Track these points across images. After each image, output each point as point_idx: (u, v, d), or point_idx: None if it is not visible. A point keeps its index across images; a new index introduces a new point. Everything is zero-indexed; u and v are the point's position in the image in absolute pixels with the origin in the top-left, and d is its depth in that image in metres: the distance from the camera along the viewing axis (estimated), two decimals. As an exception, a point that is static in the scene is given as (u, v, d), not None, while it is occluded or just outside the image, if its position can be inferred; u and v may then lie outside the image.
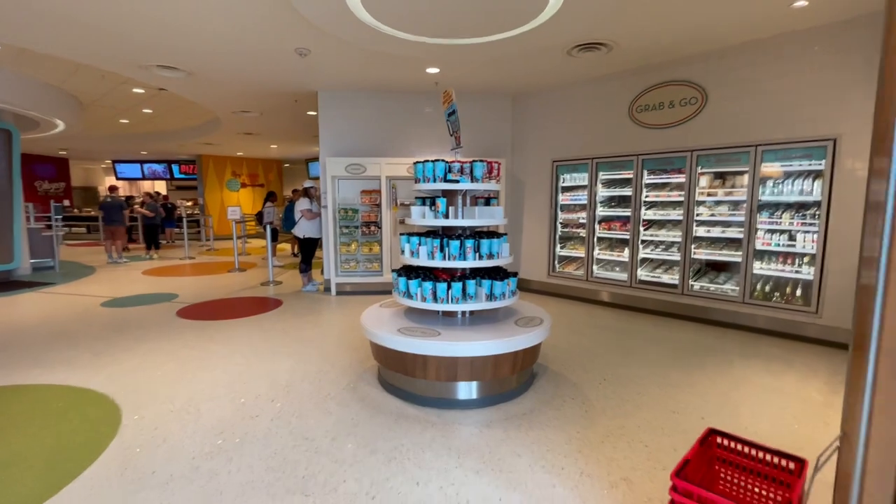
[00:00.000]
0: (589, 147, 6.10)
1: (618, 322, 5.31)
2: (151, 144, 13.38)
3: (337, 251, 6.73)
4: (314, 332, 4.89)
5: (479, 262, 3.17)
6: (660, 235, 5.64)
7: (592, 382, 3.51)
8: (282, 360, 4.00)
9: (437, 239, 3.17)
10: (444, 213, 3.24)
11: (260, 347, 4.37)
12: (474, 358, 2.93)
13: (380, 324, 3.29)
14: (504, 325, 3.24)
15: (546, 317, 3.45)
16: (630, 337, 4.72)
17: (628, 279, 5.80)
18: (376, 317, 3.47)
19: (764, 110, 4.65)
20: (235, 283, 7.79)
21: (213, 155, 15.70)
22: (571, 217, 6.51)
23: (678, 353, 4.21)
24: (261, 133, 10.89)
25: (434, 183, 3.24)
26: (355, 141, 6.79)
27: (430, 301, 3.18)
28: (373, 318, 3.42)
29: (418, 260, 3.25)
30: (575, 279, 6.40)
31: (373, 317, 3.47)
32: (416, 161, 3.35)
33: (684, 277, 5.31)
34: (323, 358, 4.06)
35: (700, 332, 4.89)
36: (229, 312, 5.71)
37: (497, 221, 3.32)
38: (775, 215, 4.75)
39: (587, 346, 4.39)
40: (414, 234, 3.38)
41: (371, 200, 6.72)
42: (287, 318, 5.44)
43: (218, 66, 5.55)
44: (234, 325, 5.16)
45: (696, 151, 5.07)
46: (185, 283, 7.71)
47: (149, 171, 17.90)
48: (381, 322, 3.33)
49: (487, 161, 3.31)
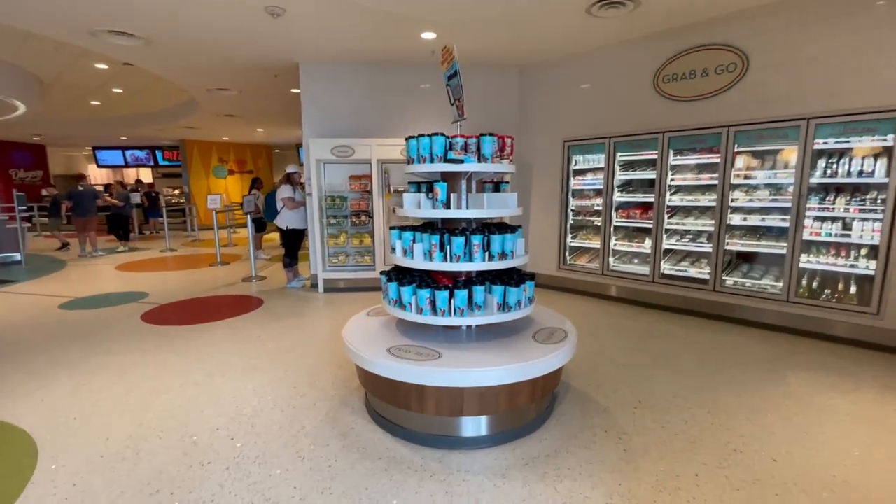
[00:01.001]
0: (606, 124, 5.40)
1: (641, 323, 4.69)
2: (130, 129, 12.55)
3: (324, 244, 6.06)
4: (295, 338, 4.25)
5: (489, 265, 2.51)
6: (687, 224, 4.99)
7: (625, 406, 2.89)
8: (252, 378, 3.36)
9: (435, 234, 2.50)
10: (444, 201, 2.57)
11: (229, 360, 3.73)
12: (484, 388, 2.29)
13: (366, 341, 2.64)
14: (520, 341, 2.60)
15: (570, 329, 2.81)
16: (658, 341, 4.10)
17: (650, 273, 5.16)
18: (362, 330, 2.82)
19: (818, 77, 3.96)
20: (215, 278, 7.13)
21: (197, 140, 14.87)
22: (585, 204, 5.83)
23: (719, 362, 3.59)
24: (244, 115, 10.10)
25: (431, 163, 2.56)
26: (342, 120, 6.06)
27: (427, 313, 2.53)
28: (357, 333, 2.77)
29: (412, 261, 2.59)
30: (588, 273, 5.76)
31: (358, 330, 2.82)
32: (409, 136, 2.67)
33: (716, 271, 4.67)
34: (302, 374, 3.42)
35: (737, 334, 4.27)
36: (202, 315, 5.05)
37: (511, 211, 2.65)
38: (826, 200, 4.09)
39: (610, 354, 3.77)
40: (407, 228, 2.72)
41: (361, 187, 6.02)
42: (266, 322, 4.80)
43: (179, 32, 4.79)
44: (205, 330, 4.51)
45: (734, 127, 4.38)
46: (160, 280, 7.04)
47: (131, 157, 17.06)
48: (368, 338, 2.68)
49: (498, 136, 2.63)
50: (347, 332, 2.77)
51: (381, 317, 3.07)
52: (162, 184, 18.54)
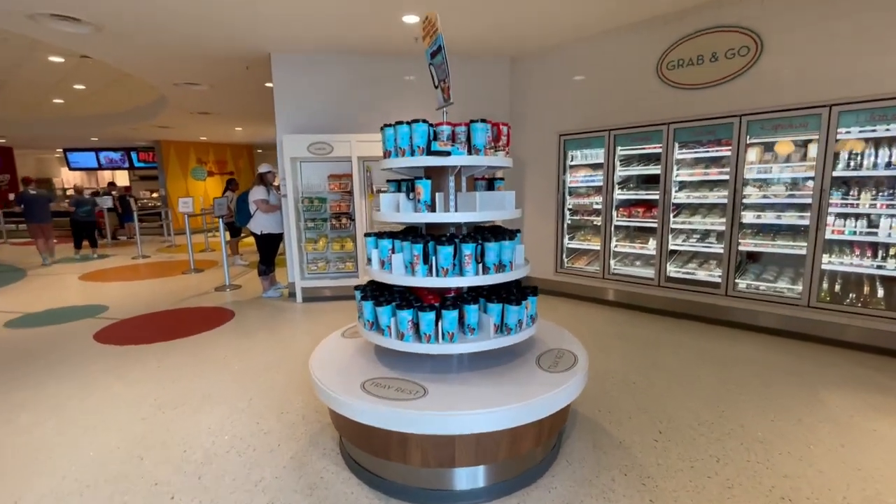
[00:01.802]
0: (605, 116, 5.01)
1: (648, 331, 4.30)
2: (100, 129, 11.89)
3: (301, 249, 5.58)
4: (265, 359, 3.78)
5: (483, 279, 2.08)
6: (694, 223, 4.61)
7: (644, 438, 2.48)
8: (210, 411, 2.89)
9: (418, 243, 2.06)
10: (427, 202, 2.13)
11: (186, 388, 3.24)
12: (481, 435, 1.86)
13: (336, 372, 2.19)
14: (522, 368, 2.17)
15: (579, 350, 2.39)
16: (669, 353, 3.70)
17: (655, 276, 4.78)
18: (333, 357, 2.37)
19: (841, 58, 3.59)
20: (186, 287, 6.60)
21: (173, 141, 14.22)
22: (583, 202, 5.43)
23: (740, 378, 3.20)
24: (219, 112, 9.54)
25: (413, 157, 2.12)
26: (319, 115, 5.58)
27: (409, 339, 2.08)
28: (327, 360, 2.32)
29: (390, 275, 2.14)
30: (588, 276, 5.36)
31: (328, 357, 2.37)
32: (386, 125, 2.23)
33: (728, 274, 4.29)
34: (268, 404, 2.96)
35: (753, 343, 3.90)
36: (163, 331, 4.55)
37: (508, 214, 2.22)
38: (850, 195, 3.73)
39: (620, 370, 3.37)
40: (385, 235, 2.27)
41: (341, 187, 5.55)
42: (235, 338, 4.31)
43: (132, 17, 4.28)
44: (164, 350, 4.02)
45: (747, 116, 4.00)
46: (125, 291, 6.49)
47: (105, 159, 16.33)
48: (340, 368, 2.23)
49: (492, 122, 2.20)
50: (316, 360, 2.32)
51: (357, 338, 2.62)
52: (139, 186, 17.84)
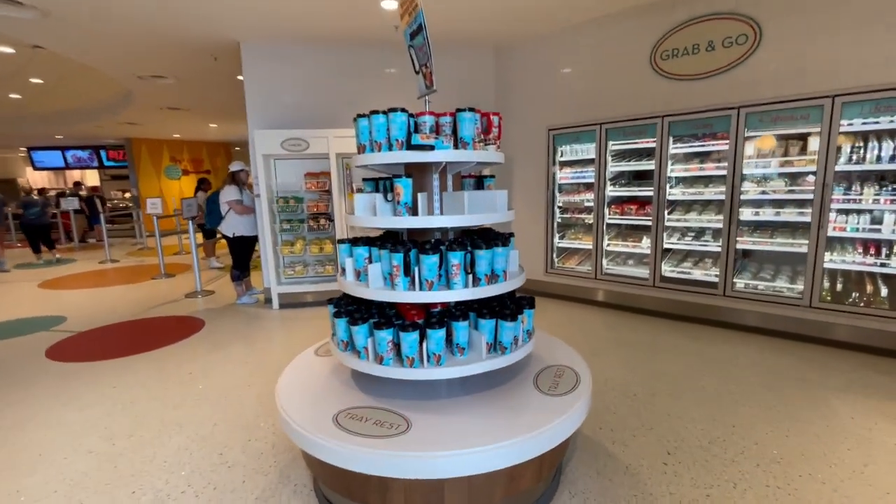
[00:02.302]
0: (596, 109, 4.78)
1: (644, 335, 4.09)
2: (64, 126, 11.25)
3: (277, 253, 5.24)
4: (235, 375, 3.45)
5: (474, 292, 1.81)
6: (689, 220, 4.42)
7: (652, 461, 2.25)
8: (167, 441, 2.57)
9: (398, 252, 1.78)
10: (408, 203, 1.85)
11: (143, 413, 2.91)
12: (474, 476, 1.60)
13: (306, 401, 1.90)
14: (518, 391, 1.91)
15: (581, 367, 2.15)
16: (669, 359, 3.50)
17: (650, 276, 4.58)
18: (304, 381, 2.08)
19: (844, 46, 3.42)
20: (155, 294, 6.19)
21: (145, 138, 13.60)
22: (573, 199, 5.21)
23: (746, 386, 3.01)
24: (190, 108, 9.06)
25: (390, 152, 1.84)
26: (294, 109, 5.24)
27: (390, 362, 1.80)
28: (297, 386, 2.03)
29: (366, 289, 1.86)
30: (580, 276, 5.14)
31: (297, 383, 2.07)
32: (359, 115, 1.94)
33: (726, 273, 4.11)
34: (234, 430, 2.65)
35: (755, 346, 3.72)
36: (125, 344, 4.18)
37: (500, 216, 1.95)
38: (853, 190, 3.57)
39: (619, 380, 3.14)
40: (360, 242, 1.99)
41: (319, 186, 5.22)
42: (203, 352, 3.97)
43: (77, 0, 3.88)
44: (123, 367, 3.66)
45: (746, 108, 3.81)
46: (87, 299, 6.05)
47: (73, 158, 15.56)
48: (310, 395, 1.94)
49: (481, 112, 1.92)
50: (284, 386, 2.02)
51: (332, 358, 2.33)
52: (111, 186, 17.10)
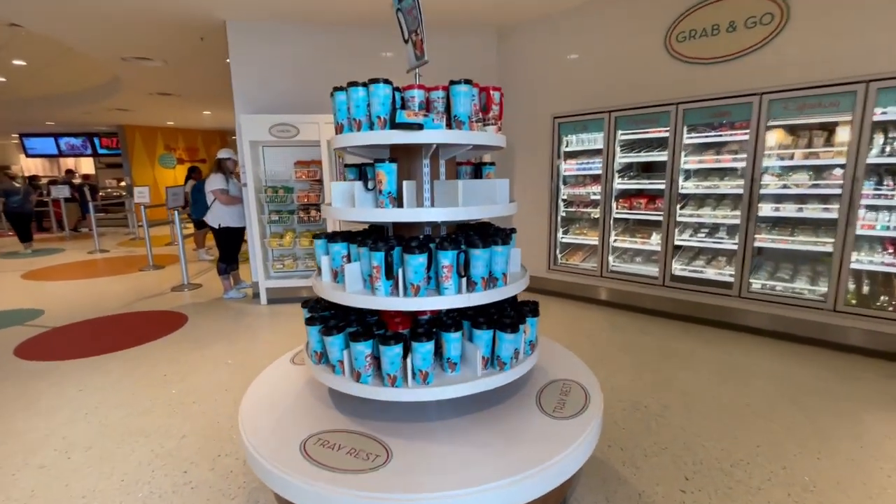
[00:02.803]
0: (605, 96, 4.48)
1: (654, 338, 3.83)
2: (53, 112, 10.95)
3: (265, 245, 4.97)
4: (212, 378, 3.20)
5: (467, 298, 1.54)
6: (703, 215, 4.14)
7: (669, 487, 1.99)
8: (128, 454, 2.32)
9: (378, 250, 1.50)
10: (392, 193, 1.57)
11: (106, 421, 2.66)
12: (466, 522, 1.34)
13: (273, 422, 1.64)
14: (519, 414, 1.65)
15: (590, 381, 1.88)
16: (682, 366, 3.24)
17: (659, 275, 4.31)
18: (272, 397, 1.82)
19: (882, 27, 3.11)
20: (140, 287, 5.94)
21: (138, 125, 13.28)
22: (579, 192, 4.92)
23: (768, 399, 2.75)
24: (180, 94, 8.75)
25: (370, 131, 1.55)
26: (283, 92, 4.94)
27: (368, 380, 1.54)
28: (264, 404, 1.76)
29: (343, 293, 1.58)
30: (584, 274, 4.87)
31: (266, 398, 1.81)
32: (336, 88, 1.65)
33: (742, 273, 3.84)
34: (204, 443, 2.39)
35: (773, 353, 3.45)
36: (100, 342, 3.93)
37: (501, 209, 1.68)
38: (884, 184, 3.29)
39: (628, 391, 2.88)
40: (338, 237, 1.72)
41: (310, 175, 4.94)
42: (181, 351, 3.72)
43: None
44: (95, 367, 3.41)
45: (768, 94, 3.51)
46: (69, 291, 5.80)
47: (66, 146, 15.24)
48: (278, 416, 1.68)
49: (479, 86, 1.64)
50: (249, 405, 1.76)
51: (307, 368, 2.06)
52: (106, 174, 16.85)
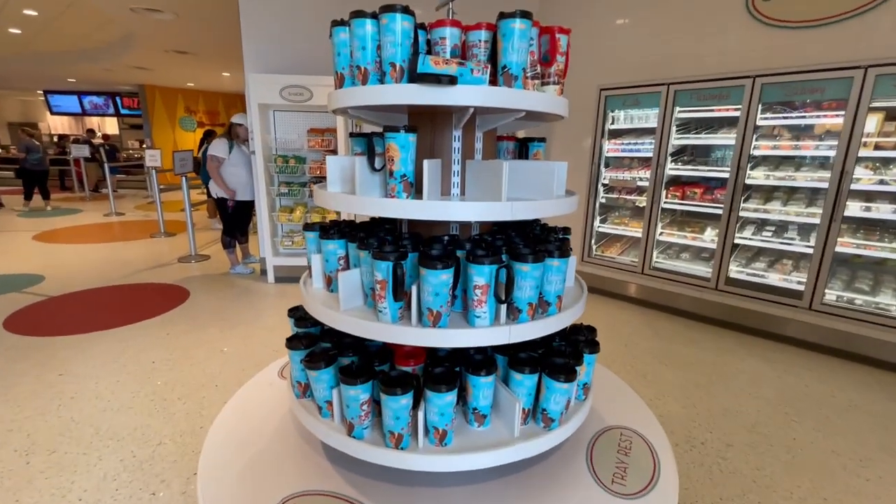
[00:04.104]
0: (663, 65, 3.85)
1: (704, 350, 3.33)
2: (74, 68, 10.69)
3: (274, 220, 4.59)
4: (203, 370, 2.86)
5: (508, 333, 1.08)
6: (770, 211, 3.55)
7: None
8: (93, 464, 1.99)
9: (385, 258, 1.05)
10: (406, 176, 1.10)
11: (79, 415, 2.35)
12: None
13: (238, 479, 1.24)
14: (564, 483, 1.21)
15: (655, 433, 1.43)
16: (740, 388, 2.74)
17: (713, 276, 3.77)
18: (245, 434, 1.42)
19: None
20: (148, 255, 5.68)
21: (158, 86, 12.97)
22: (622, 177, 4.35)
23: (856, 444, 2.25)
24: (196, 52, 8.32)
25: (381, 85, 1.08)
26: (298, 51, 4.44)
27: (363, 434, 1.11)
28: (230, 447, 1.37)
29: (335, 312, 1.14)
30: (622, 269, 4.35)
31: (235, 435, 1.41)
32: (335, 23, 1.18)
33: (816, 281, 3.27)
34: (180, 455, 2.05)
35: (851, 379, 2.92)
36: (94, 317, 3.65)
37: (558, 206, 1.19)
38: None
39: (677, 417, 2.42)
40: (333, 231, 1.27)
41: (323, 144, 4.49)
42: (176, 334, 3.40)
43: None
44: (82, 347, 3.12)
45: (876, 68, 2.86)
46: (76, 256, 5.58)
47: (89, 104, 15.11)
48: (245, 468, 1.28)
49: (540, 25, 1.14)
50: (217, 438, 1.37)
51: (298, 385, 1.67)
52: (129, 136, 16.81)
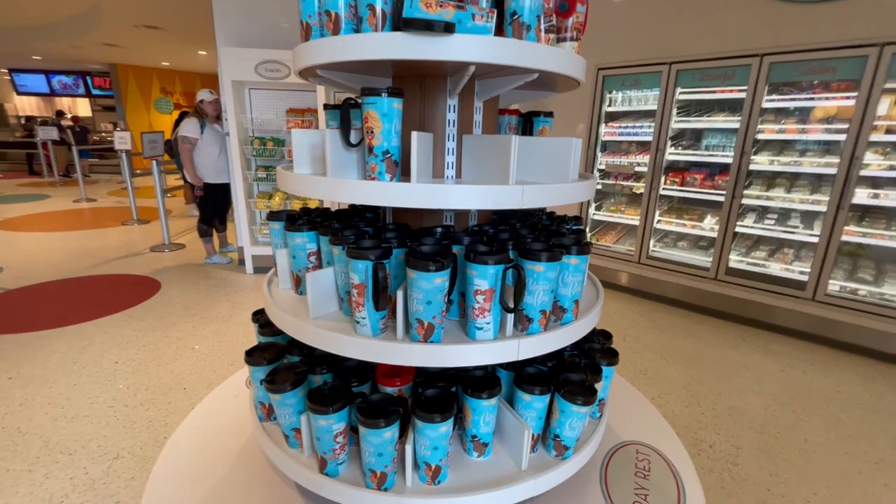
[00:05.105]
0: (665, 43, 3.65)
1: (705, 343, 3.20)
2: (39, 44, 10.06)
3: (251, 206, 4.31)
4: (171, 371, 2.62)
5: (518, 347, 0.88)
6: (773, 198, 3.40)
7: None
8: (38, 483, 1.76)
9: (364, 257, 0.84)
10: (389, 152, 0.88)
11: (31, 423, 2.10)
12: None
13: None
14: (580, 518, 1.03)
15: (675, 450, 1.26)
16: (745, 385, 2.61)
17: (712, 265, 3.63)
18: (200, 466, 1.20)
19: None
20: (117, 244, 5.35)
21: (132, 65, 12.35)
22: (619, 162, 4.16)
23: (868, 444, 2.13)
24: (168, 28, 7.84)
25: (358, 34, 0.85)
26: (273, 23, 4.12)
27: (337, 471, 0.91)
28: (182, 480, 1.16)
29: (303, 324, 0.93)
30: (618, 258, 4.19)
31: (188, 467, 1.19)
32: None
33: (821, 272, 3.15)
34: (137, 472, 1.83)
35: (856, 374, 2.81)
36: (55, 312, 3.36)
37: (574, 192, 0.98)
38: None
39: (682, 417, 2.27)
40: (302, 221, 1.05)
41: (304, 125, 4.19)
42: (143, 329, 3.14)
43: None
44: (38, 346, 2.84)
45: (893, 46, 2.70)
46: (38, 245, 5.23)
47: (58, 84, 14.38)
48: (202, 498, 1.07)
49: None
50: (166, 466, 1.16)
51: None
52: (103, 118, 16.06)
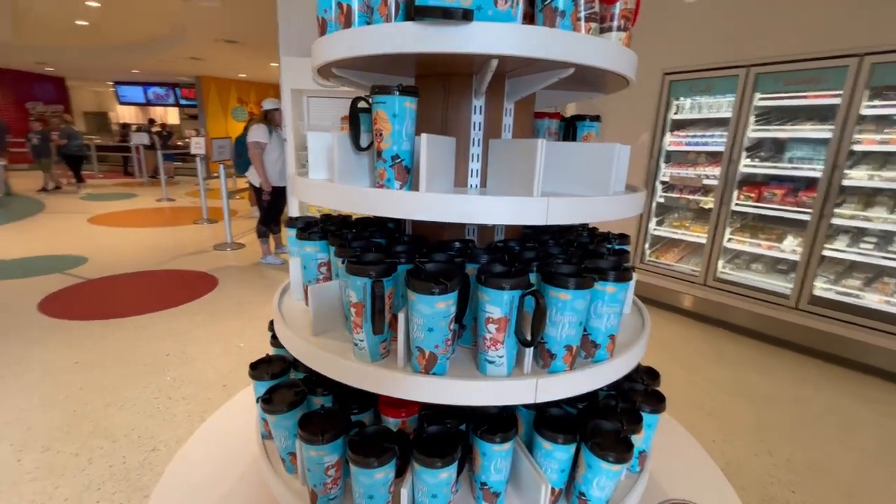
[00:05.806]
0: (742, 44, 3.31)
1: (782, 382, 2.81)
2: (135, 59, 11.18)
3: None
4: (218, 364, 2.71)
5: (536, 388, 0.75)
6: (871, 219, 2.95)
7: None
8: (81, 468, 1.85)
9: (364, 273, 0.75)
10: (400, 157, 0.80)
11: (85, 409, 2.24)
12: None
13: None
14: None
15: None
16: (831, 435, 2.24)
17: (793, 293, 3.21)
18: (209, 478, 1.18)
19: None
20: (186, 241, 5.73)
21: (214, 77, 13.40)
22: (685, 173, 3.83)
23: None
24: (244, 41, 8.38)
25: (369, 26, 0.77)
26: (334, 34, 4.22)
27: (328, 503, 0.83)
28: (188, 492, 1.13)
29: (301, 341, 0.86)
30: (680, 279, 3.84)
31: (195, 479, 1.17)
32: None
33: (931, 308, 2.68)
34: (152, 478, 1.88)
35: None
36: (123, 302, 3.62)
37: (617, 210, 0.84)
38: None
39: (754, 469, 1.98)
40: (314, 231, 0.99)
41: (357, 133, 4.27)
42: (197, 323, 3.29)
43: None
44: (102, 334, 3.06)
45: None
46: (121, 239, 5.72)
47: (153, 95, 15.93)
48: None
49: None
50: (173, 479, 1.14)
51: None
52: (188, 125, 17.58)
